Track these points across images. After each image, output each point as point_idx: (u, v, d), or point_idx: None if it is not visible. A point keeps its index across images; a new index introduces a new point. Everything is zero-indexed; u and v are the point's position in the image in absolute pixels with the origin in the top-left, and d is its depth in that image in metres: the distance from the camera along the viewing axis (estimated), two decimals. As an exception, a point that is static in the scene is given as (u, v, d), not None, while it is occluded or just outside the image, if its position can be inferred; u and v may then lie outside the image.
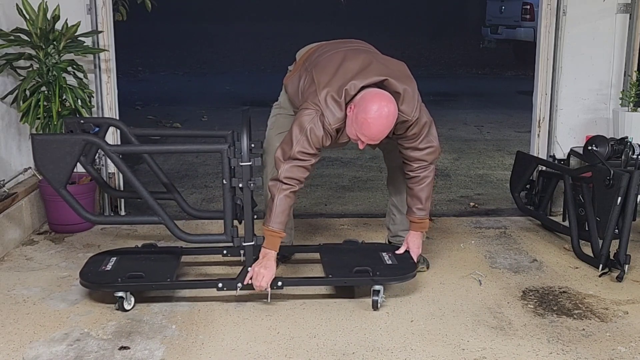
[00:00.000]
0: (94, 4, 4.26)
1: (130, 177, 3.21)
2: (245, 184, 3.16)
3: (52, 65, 4.06)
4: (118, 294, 3.15)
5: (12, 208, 3.96)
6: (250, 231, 3.21)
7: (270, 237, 3.17)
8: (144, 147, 3.63)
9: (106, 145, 3.22)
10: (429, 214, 3.48)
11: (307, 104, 3.15)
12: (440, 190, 5.27)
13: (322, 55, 3.33)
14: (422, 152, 3.33)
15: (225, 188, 3.20)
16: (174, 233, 3.28)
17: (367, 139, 3.08)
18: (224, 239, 3.27)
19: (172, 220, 3.28)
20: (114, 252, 3.54)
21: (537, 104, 4.65)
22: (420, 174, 3.36)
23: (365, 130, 3.04)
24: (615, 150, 4.01)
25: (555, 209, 4.56)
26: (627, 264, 3.57)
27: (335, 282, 3.34)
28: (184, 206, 3.78)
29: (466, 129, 7.74)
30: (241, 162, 3.14)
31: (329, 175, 5.57)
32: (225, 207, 3.23)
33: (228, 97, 9.81)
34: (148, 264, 3.38)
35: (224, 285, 3.22)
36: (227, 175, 3.18)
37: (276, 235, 3.17)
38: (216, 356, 2.82)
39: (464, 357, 2.82)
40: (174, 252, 3.60)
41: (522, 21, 12.49)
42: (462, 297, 3.37)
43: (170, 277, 3.27)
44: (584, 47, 4.54)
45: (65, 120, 3.64)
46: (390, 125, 3.07)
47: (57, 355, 2.80)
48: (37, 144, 3.16)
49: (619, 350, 2.89)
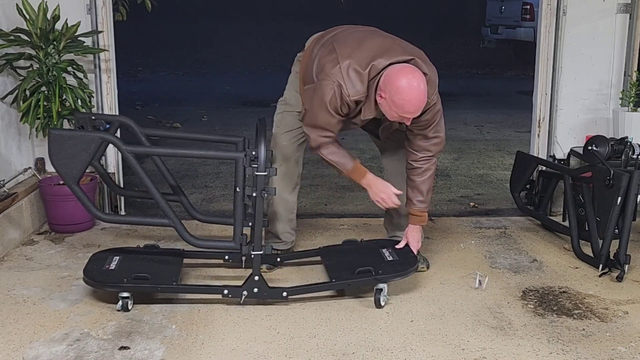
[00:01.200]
0: (94, 4, 4.26)
1: (144, 178, 3.19)
2: (259, 193, 3.15)
3: (52, 65, 4.06)
4: (123, 295, 3.14)
5: (12, 208, 3.96)
6: (260, 240, 3.20)
7: (355, 173, 3.31)
8: (159, 150, 3.61)
9: (122, 144, 3.20)
10: (428, 209, 3.49)
11: (324, 74, 3.14)
12: (440, 190, 5.27)
13: (341, 33, 3.35)
14: (429, 142, 3.35)
15: (238, 196, 3.20)
16: (183, 236, 3.26)
17: (411, 114, 3.11)
18: (232, 246, 3.27)
19: (182, 224, 3.26)
20: (116, 251, 3.53)
21: (537, 104, 4.65)
22: (423, 165, 3.38)
23: (407, 108, 3.06)
24: (615, 150, 4.01)
25: (555, 209, 4.56)
26: (627, 264, 3.57)
27: (339, 286, 3.33)
28: (189, 209, 3.75)
29: (466, 129, 7.74)
30: (257, 172, 3.14)
31: (329, 175, 5.57)
32: (236, 215, 3.23)
33: (228, 97, 9.81)
34: (152, 266, 3.37)
35: (230, 292, 3.20)
36: (240, 183, 3.17)
37: (356, 168, 3.30)
38: (216, 356, 2.82)
39: (464, 357, 2.82)
40: (176, 254, 3.58)
41: (522, 21, 12.49)
42: (462, 297, 3.37)
43: (176, 280, 3.27)
44: (584, 47, 4.54)
45: (76, 115, 3.63)
46: (425, 92, 3.08)
47: (57, 355, 2.80)
48: (54, 138, 3.16)
49: (619, 350, 2.89)
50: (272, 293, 3.23)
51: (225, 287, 3.23)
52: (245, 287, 3.19)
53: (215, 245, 3.49)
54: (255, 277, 3.19)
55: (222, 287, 3.24)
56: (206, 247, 3.47)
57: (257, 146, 3.17)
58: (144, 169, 3.24)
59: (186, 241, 3.28)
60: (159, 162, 3.66)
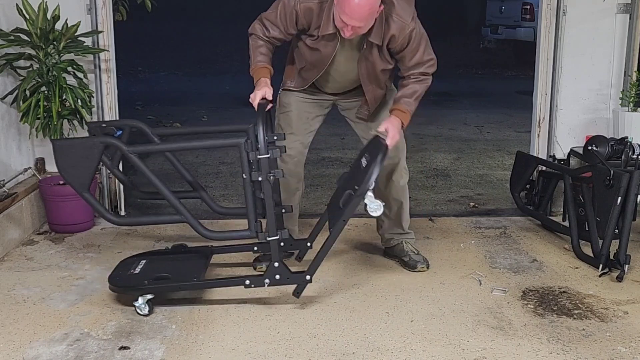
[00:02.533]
0: (94, 4, 4.26)
1: (150, 177, 3.15)
2: (265, 177, 3.10)
3: (52, 65, 4.06)
4: (147, 297, 3.13)
5: (12, 208, 3.96)
6: (274, 225, 3.15)
7: (255, 74, 3.40)
8: (160, 146, 3.57)
9: (123, 146, 3.17)
10: (411, 114, 3.38)
11: None
12: (440, 190, 5.28)
13: None
14: (425, 65, 3.37)
15: (246, 182, 3.14)
16: (197, 231, 3.22)
17: (348, 18, 3.07)
18: (249, 235, 3.22)
19: (196, 219, 3.22)
20: (143, 255, 3.52)
21: (537, 104, 4.65)
22: (419, 77, 3.37)
23: (346, 9, 3.05)
24: (615, 150, 4.01)
25: (555, 209, 4.56)
26: (627, 264, 3.57)
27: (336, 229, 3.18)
28: (210, 204, 3.71)
29: (466, 129, 7.74)
30: (259, 155, 3.09)
31: (328, 175, 5.57)
32: (247, 202, 3.17)
33: (228, 97, 9.81)
34: (176, 265, 3.36)
35: (252, 282, 3.18)
36: (246, 169, 3.12)
37: (256, 72, 3.39)
38: (216, 356, 2.82)
39: (464, 357, 2.82)
40: (203, 252, 3.55)
41: (522, 21, 12.49)
42: (462, 297, 3.37)
43: (197, 277, 3.24)
44: (584, 47, 4.54)
45: (89, 124, 3.62)
46: (371, 3, 3.05)
47: (57, 355, 2.80)
48: (57, 148, 3.16)
49: (619, 350, 2.89)
50: (295, 278, 3.18)
51: (246, 278, 3.20)
52: (267, 275, 3.16)
53: (231, 236, 3.43)
54: (275, 263, 3.15)
55: (243, 277, 3.22)
56: (222, 239, 3.45)
57: (256, 130, 3.13)
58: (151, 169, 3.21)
59: (201, 235, 3.24)
60: (174, 159, 3.62)
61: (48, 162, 4.47)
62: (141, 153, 3.24)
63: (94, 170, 3.18)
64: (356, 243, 4.09)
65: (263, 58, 3.41)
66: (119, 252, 3.88)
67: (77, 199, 4.16)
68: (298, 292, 3.20)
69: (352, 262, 3.80)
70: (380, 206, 3.09)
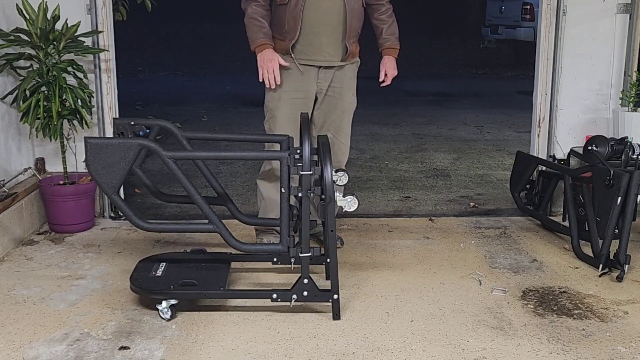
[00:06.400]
0: (94, 4, 4.26)
1: (185, 184, 3.10)
2: (305, 194, 3.08)
3: (52, 65, 4.06)
4: (171, 302, 3.09)
5: (12, 208, 3.96)
6: (307, 242, 3.12)
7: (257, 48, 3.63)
8: (200, 153, 3.53)
9: (162, 151, 3.08)
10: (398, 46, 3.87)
11: None
12: (440, 190, 5.28)
13: None
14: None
15: (284, 197, 3.12)
16: (229, 242, 3.17)
17: None
18: (280, 249, 3.20)
19: (227, 229, 3.18)
20: (162, 257, 3.48)
21: (537, 104, 4.65)
22: (389, 14, 3.84)
23: None
24: (615, 150, 4.01)
25: (555, 209, 4.56)
26: (627, 264, 3.57)
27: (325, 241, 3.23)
28: (236, 214, 3.67)
29: (466, 129, 7.75)
30: (302, 171, 3.06)
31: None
32: (282, 216, 3.14)
33: (228, 97, 9.81)
34: (199, 271, 3.32)
35: (279, 296, 3.14)
36: (285, 183, 3.10)
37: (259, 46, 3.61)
38: (216, 356, 2.82)
39: (464, 357, 2.83)
40: (223, 258, 3.51)
41: (522, 21, 12.50)
42: (462, 297, 3.37)
43: (223, 286, 3.21)
44: (584, 47, 4.53)
45: (115, 121, 3.53)
46: None
47: (57, 355, 2.80)
48: (91, 147, 3.05)
49: (619, 350, 2.89)
50: (322, 296, 3.15)
51: (274, 291, 3.16)
52: (295, 290, 3.12)
53: (263, 250, 3.45)
54: (305, 280, 3.11)
55: (270, 291, 3.18)
56: (253, 251, 3.44)
57: (301, 144, 3.10)
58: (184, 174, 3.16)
59: (232, 246, 3.19)
60: (203, 166, 3.57)
61: (48, 162, 4.48)
62: (178, 159, 3.15)
63: (126, 172, 3.09)
64: (356, 243, 4.09)
65: (263, 35, 3.62)
66: (119, 252, 3.88)
67: (77, 199, 4.20)
68: (336, 314, 3.13)
69: (352, 262, 3.80)
70: (353, 200, 3.23)
